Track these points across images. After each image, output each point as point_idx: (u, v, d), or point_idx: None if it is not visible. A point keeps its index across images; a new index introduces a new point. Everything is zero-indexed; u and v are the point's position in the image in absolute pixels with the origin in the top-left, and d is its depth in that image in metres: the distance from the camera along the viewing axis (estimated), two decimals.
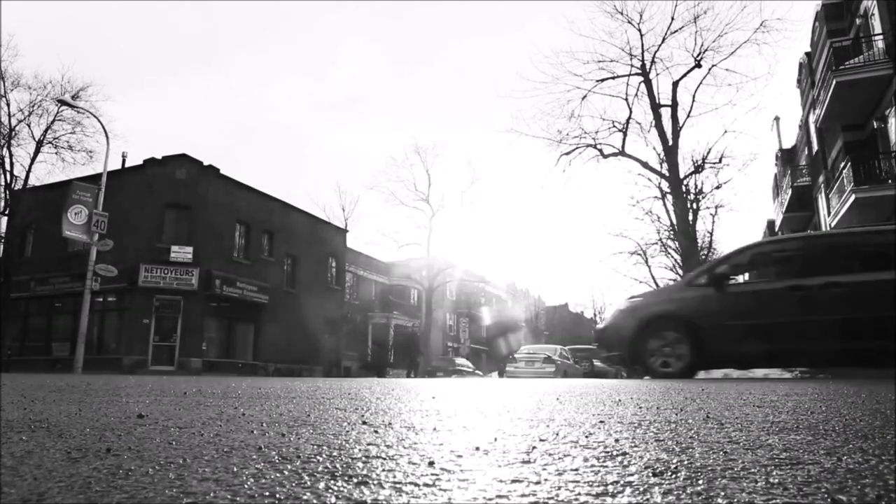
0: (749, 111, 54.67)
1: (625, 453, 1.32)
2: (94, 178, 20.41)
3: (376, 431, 1.73)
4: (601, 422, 1.99)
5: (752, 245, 7.95)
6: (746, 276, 8.66)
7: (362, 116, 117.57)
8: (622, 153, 21.79)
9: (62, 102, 22.59)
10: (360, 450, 1.37)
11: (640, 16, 21.87)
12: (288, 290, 29.61)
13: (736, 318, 6.87)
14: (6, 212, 26.16)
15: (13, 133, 25.69)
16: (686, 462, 1.19)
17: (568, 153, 22.02)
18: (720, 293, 7.10)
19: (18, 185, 26.08)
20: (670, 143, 20.86)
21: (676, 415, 2.23)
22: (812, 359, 7.27)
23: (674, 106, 21.18)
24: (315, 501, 0.88)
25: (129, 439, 1.52)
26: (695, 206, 23.10)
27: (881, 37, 16.34)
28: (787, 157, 29.69)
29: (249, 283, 26.71)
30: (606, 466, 1.16)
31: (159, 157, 25.52)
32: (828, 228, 19.85)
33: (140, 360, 22.81)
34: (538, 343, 39.30)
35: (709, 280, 7.30)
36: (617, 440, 1.54)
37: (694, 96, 21.19)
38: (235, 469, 1.11)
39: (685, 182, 21.95)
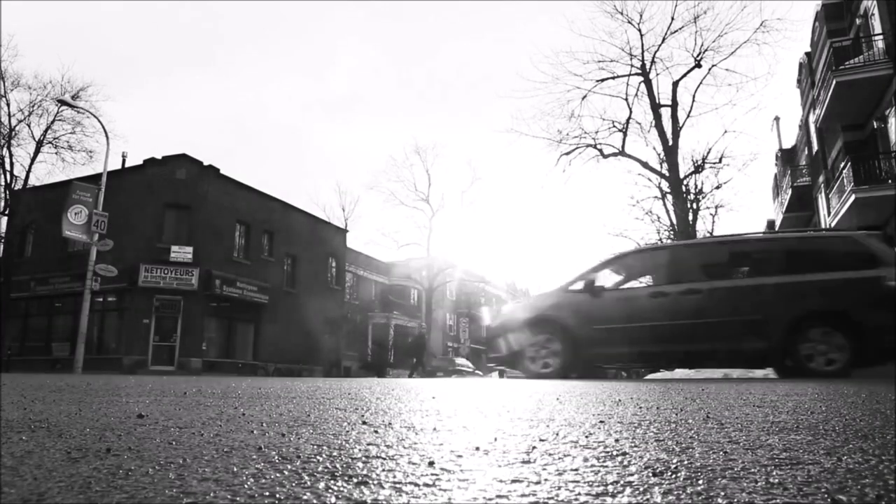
0: (749, 111, 54.52)
1: (625, 453, 1.32)
2: (94, 178, 20.41)
3: (376, 431, 1.73)
4: (601, 422, 1.99)
5: (624, 253, 8.46)
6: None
7: (362, 116, 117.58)
8: (622, 153, 21.74)
9: (62, 102, 22.58)
10: (360, 450, 1.37)
11: (640, 16, 21.78)
12: (288, 290, 29.60)
13: (604, 322, 7.30)
14: (6, 212, 26.15)
15: (13, 133, 25.69)
16: (686, 462, 1.19)
17: (568, 153, 21.97)
18: (594, 298, 7.53)
19: (18, 185, 26.07)
20: (670, 143, 20.82)
21: (676, 415, 2.23)
22: (671, 359, 7.73)
23: (674, 106, 21.14)
24: (315, 501, 0.88)
25: (129, 439, 1.52)
26: (695, 206, 23.03)
27: (881, 37, 16.33)
28: (787, 157, 29.68)
29: (249, 283, 26.71)
30: (606, 466, 1.16)
31: (159, 157, 25.51)
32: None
33: (140, 360, 22.81)
34: None
35: (584, 286, 7.69)
36: (617, 440, 1.54)
37: (694, 96, 21.14)
38: (235, 469, 1.11)
39: (685, 182, 21.90)
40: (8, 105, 25.44)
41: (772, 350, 6.87)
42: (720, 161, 21.59)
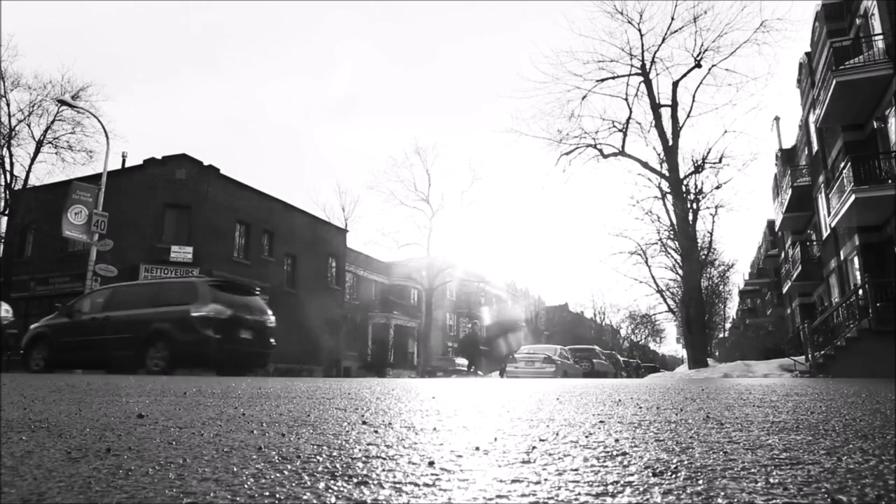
0: (749, 111, 54.64)
1: (625, 453, 1.32)
2: (94, 178, 20.40)
3: (376, 431, 1.73)
4: (601, 422, 1.99)
5: (95, 290, 12.18)
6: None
7: (362, 116, 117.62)
8: (622, 153, 21.71)
9: (62, 102, 22.56)
10: (360, 450, 1.37)
11: (640, 16, 21.80)
12: (288, 290, 29.58)
13: (66, 336, 10.89)
14: (6, 212, 26.14)
15: (13, 133, 25.70)
16: (686, 462, 1.19)
17: (568, 153, 21.94)
18: (71, 320, 11.12)
19: (18, 185, 26.07)
20: (670, 143, 20.81)
21: (676, 415, 2.23)
22: (98, 363, 10.66)
23: (674, 106, 21.12)
24: (315, 501, 0.88)
25: (129, 439, 1.52)
26: (695, 206, 23.03)
27: (881, 37, 16.32)
28: (787, 157, 29.66)
29: (249, 283, 26.68)
30: (606, 466, 1.16)
31: (159, 157, 25.51)
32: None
33: None
34: (538, 343, 39.30)
35: (67, 312, 11.38)
36: (617, 440, 1.54)
37: (694, 96, 21.10)
38: (235, 469, 1.11)
39: (685, 182, 21.89)
40: (8, 105, 25.49)
41: (136, 357, 9.92)
42: (720, 161, 21.59)
